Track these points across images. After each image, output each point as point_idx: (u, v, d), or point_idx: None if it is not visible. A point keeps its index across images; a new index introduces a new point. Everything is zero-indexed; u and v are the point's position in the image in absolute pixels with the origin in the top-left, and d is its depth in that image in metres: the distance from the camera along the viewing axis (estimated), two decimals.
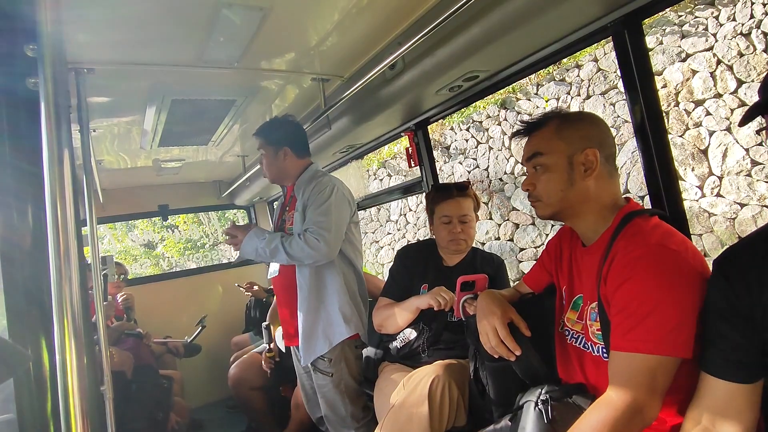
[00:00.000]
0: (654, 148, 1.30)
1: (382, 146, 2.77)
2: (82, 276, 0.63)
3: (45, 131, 0.59)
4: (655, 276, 0.95)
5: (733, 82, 4.30)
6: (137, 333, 2.83)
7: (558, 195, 1.13)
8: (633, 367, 0.94)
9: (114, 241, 12.80)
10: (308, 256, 1.87)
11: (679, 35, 4.59)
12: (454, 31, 1.39)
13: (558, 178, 1.13)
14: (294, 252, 1.87)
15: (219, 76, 1.86)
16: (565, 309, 1.23)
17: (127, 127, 2.36)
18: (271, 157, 2.08)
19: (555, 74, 5.65)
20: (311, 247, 1.85)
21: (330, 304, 1.97)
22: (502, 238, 6.19)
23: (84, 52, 1.52)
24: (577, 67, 5.41)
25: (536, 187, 1.17)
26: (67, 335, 0.56)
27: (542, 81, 5.76)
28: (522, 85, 5.98)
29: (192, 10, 1.38)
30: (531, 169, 1.18)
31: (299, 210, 1.99)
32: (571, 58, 5.39)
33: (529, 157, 1.18)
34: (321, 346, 1.95)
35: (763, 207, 4.19)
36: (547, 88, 5.70)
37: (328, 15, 1.50)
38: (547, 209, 1.17)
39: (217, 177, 3.99)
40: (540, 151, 1.15)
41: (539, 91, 5.84)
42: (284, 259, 1.90)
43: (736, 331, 0.87)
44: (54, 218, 0.57)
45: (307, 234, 1.87)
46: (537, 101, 5.87)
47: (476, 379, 1.42)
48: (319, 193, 1.93)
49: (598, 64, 5.22)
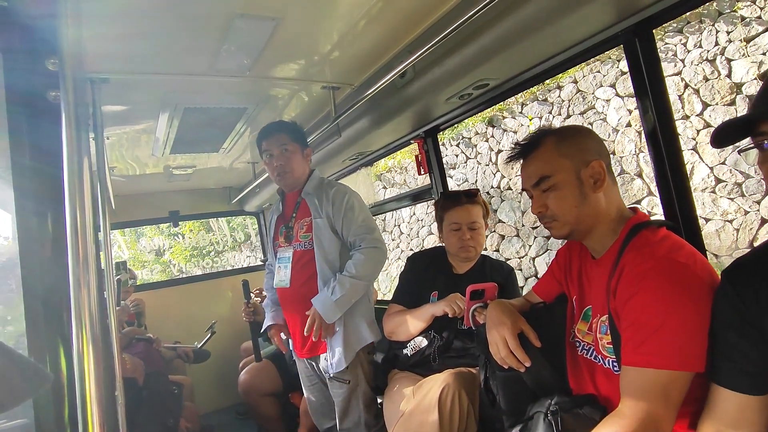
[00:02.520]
0: (666, 155, 1.29)
1: (392, 153, 2.78)
2: (100, 282, 0.64)
3: (66, 142, 0.60)
4: (664, 289, 0.94)
5: (699, 104, 4.58)
6: (147, 338, 2.85)
7: (573, 212, 1.12)
8: (645, 381, 0.93)
9: (125, 247, 12.94)
10: (378, 267, 1.95)
11: None
12: (465, 40, 1.40)
13: (570, 195, 1.11)
14: (367, 273, 1.90)
15: (231, 84, 1.88)
16: (576, 319, 1.22)
17: (139, 135, 2.39)
18: (300, 157, 2.03)
19: (538, 94, 5.90)
20: (377, 257, 1.91)
21: (356, 311, 1.95)
22: (489, 248, 6.44)
23: (99, 63, 1.55)
24: (558, 88, 5.69)
25: (548, 209, 1.15)
26: (85, 341, 0.57)
27: (526, 101, 6.01)
28: (508, 104, 6.19)
29: (205, 21, 1.40)
30: (538, 192, 1.16)
31: (322, 217, 1.96)
32: (552, 80, 5.63)
33: (535, 183, 1.16)
34: (348, 354, 1.92)
35: (725, 221, 4.43)
36: (530, 107, 5.96)
37: (339, 24, 1.52)
38: (564, 228, 1.15)
39: (228, 183, 4.02)
40: (546, 173, 1.14)
41: (524, 110, 6.07)
42: (364, 286, 1.92)
43: (746, 342, 0.86)
44: (73, 225, 0.58)
45: (362, 249, 1.90)
46: (522, 119, 6.11)
47: (486, 389, 1.41)
48: (343, 201, 1.94)
49: (577, 85, 5.51)
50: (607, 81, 5.24)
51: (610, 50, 5.31)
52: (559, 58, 1.48)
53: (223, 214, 4.87)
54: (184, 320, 3.80)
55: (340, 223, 1.93)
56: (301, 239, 2.01)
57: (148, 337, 2.86)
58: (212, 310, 3.89)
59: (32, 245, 0.64)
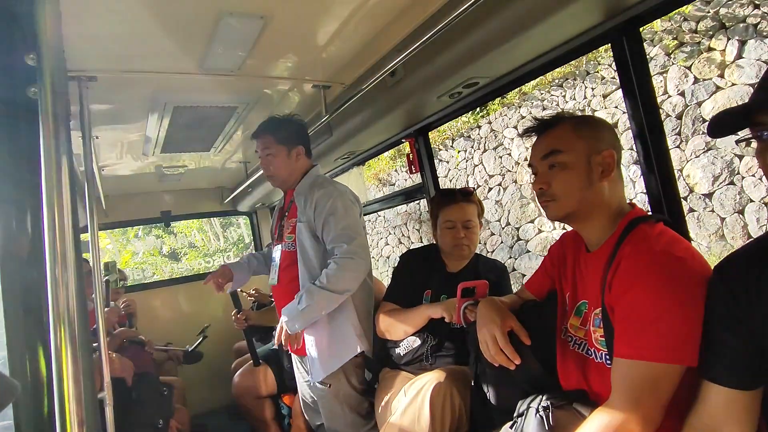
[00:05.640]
0: (653, 154, 1.30)
1: (384, 152, 2.78)
2: (80, 283, 0.63)
3: (43, 139, 0.59)
4: (661, 283, 0.94)
5: None
6: (139, 340, 2.82)
7: (576, 195, 1.11)
8: (636, 374, 0.93)
9: (116, 251, 12.81)
10: (354, 279, 1.81)
11: (540, 108, 6.18)
12: (454, 38, 1.40)
13: (577, 177, 1.10)
14: (339, 285, 1.78)
15: (220, 83, 1.87)
16: (568, 315, 1.22)
17: (129, 134, 2.38)
18: (285, 157, 1.97)
19: (464, 132, 7.27)
20: (352, 267, 1.79)
21: (342, 319, 1.90)
22: None
23: (86, 61, 1.53)
24: (478, 127, 7.04)
25: (551, 186, 1.13)
26: (63, 343, 0.56)
27: (455, 136, 7.40)
28: (442, 139, 7.55)
29: (193, 19, 1.39)
30: (544, 167, 1.14)
31: (303, 221, 1.91)
32: (474, 120, 7.06)
33: (545, 155, 1.13)
34: (334, 362, 1.89)
35: None
36: (458, 142, 7.35)
37: (329, 22, 1.52)
38: (562, 210, 1.13)
39: (220, 183, 4.01)
40: (559, 148, 1.12)
41: (454, 144, 7.44)
42: (336, 298, 1.80)
43: (736, 338, 0.86)
44: (51, 225, 0.58)
45: (337, 259, 1.79)
46: (452, 152, 7.50)
47: (477, 386, 1.41)
48: (325, 205, 1.85)
49: (491, 126, 6.82)
50: (511, 123, 6.49)
51: (512, 96, 6.26)
52: (547, 57, 1.49)
53: (215, 214, 4.85)
54: (175, 321, 3.78)
55: (320, 228, 1.86)
56: (287, 240, 2.02)
57: (140, 340, 2.83)
58: (205, 310, 3.87)
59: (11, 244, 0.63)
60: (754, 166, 4.20)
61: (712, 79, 4.48)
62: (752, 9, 4.24)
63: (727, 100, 4.33)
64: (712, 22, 4.49)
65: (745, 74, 4.26)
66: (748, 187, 4.26)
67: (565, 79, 5.82)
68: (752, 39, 4.23)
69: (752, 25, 4.23)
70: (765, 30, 4.15)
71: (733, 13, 4.38)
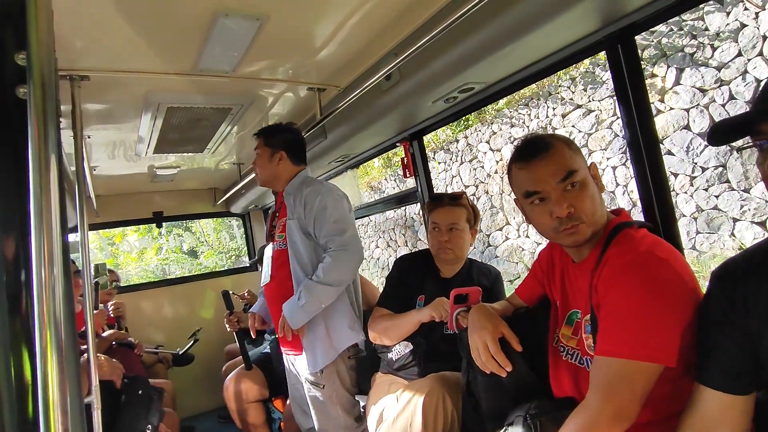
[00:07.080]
0: (647, 161, 1.31)
1: (378, 156, 2.77)
2: (67, 284, 0.62)
3: (31, 138, 0.58)
4: (642, 282, 0.95)
5: None
6: (129, 343, 2.79)
7: (599, 211, 1.07)
8: (612, 371, 0.94)
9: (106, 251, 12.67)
10: (349, 270, 1.88)
11: (509, 125, 6.75)
12: (450, 43, 1.40)
13: (596, 193, 1.08)
14: (335, 277, 1.83)
15: (215, 84, 1.86)
16: (559, 324, 1.22)
17: (122, 134, 2.36)
18: (266, 159, 2.06)
19: (444, 145, 7.85)
20: (346, 259, 1.84)
21: (334, 311, 1.93)
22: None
23: (78, 60, 1.52)
24: (456, 141, 7.63)
25: (577, 208, 1.05)
26: (49, 346, 0.55)
27: (437, 149, 7.93)
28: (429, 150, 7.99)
29: (189, 19, 1.38)
30: (559, 191, 1.06)
31: (293, 218, 1.96)
32: (453, 133, 7.69)
33: (564, 177, 1.06)
34: (329, 354, 1.91)
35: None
36: (439, 154, 7.91)
37: (325, 25, 1.52)
38: (589, 230, 1.06)
39: (213, 185, 3.99)
40: (573, 168, 1.06)
41: (435, 156, 7.95)
42: (334, 291, 1.85)
43: (731, 343, 0.87)
44: (38, 225, 0.56)
45: (331, 252, 1.84)
46: (433, 164, 7.81)
47: (469, 393, 1.40)
48: (315, 202, 1.90)
49: (467, 140, 7.43)
50: (484, 138, 7.08)
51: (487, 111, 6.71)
52: (543, 63, 1.49)
53: (208, 216, 4.82)
54: (167, 323, 3.75)
55: (312, 224, 1.91)
56: (278, 239, 2.05)
57: (129, 342, 2.80)
58: (196, 312, 3.84)
59: None
60: (697, 177, 4.63)
61: (654, 103, 4.79)
62: (689, 39, 4.74)
63: (665, 123, 4.88)
64: (654, 51, 5.03)
65: (681, 100, 4.79)
66: (681, 203, 4.81)
67: (530, 98, 6.43)
68: (688, 67, 4.75)
69: (689, 54, 4.75)
70: (700, 59, 4.67)
71: (672, 43, 4.90)
